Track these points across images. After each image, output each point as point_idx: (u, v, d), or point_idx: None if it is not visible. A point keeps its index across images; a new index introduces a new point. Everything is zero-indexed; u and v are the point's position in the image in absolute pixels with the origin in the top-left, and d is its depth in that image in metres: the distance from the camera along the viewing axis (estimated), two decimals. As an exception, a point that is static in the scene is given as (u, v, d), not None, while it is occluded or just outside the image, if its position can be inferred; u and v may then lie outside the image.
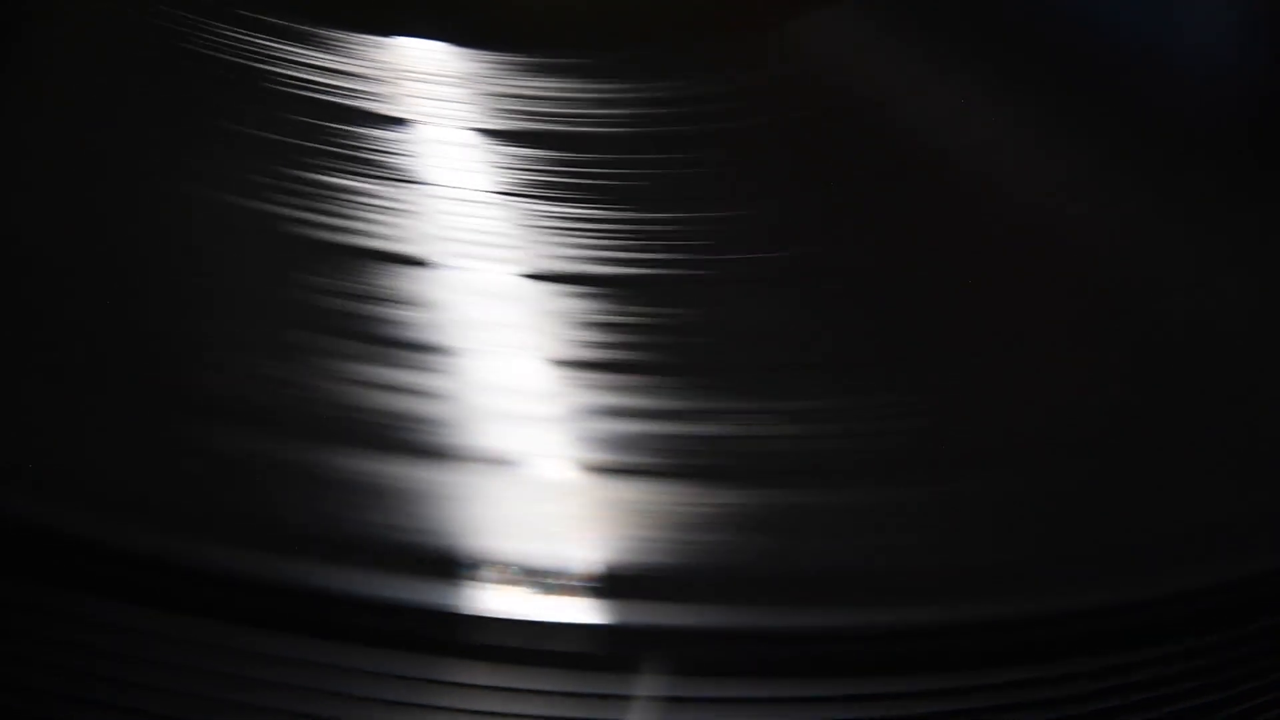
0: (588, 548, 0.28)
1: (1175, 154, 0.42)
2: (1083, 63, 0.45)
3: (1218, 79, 0.46)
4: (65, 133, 0.36)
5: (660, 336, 0.32)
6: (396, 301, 0.32)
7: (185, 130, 0.36)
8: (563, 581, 0.27)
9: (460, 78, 0.39)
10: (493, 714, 0.27)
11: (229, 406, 0.29)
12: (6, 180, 0.34)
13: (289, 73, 0.37)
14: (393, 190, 0.35)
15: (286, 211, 0.34)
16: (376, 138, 0.36)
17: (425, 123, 0.37)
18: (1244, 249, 0.39)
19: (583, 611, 0.27)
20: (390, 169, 0.35)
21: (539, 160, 0.36)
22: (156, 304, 0.31)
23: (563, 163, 0.36)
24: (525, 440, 0.30)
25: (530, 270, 0.34)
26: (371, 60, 0.38)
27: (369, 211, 0.34)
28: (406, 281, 0.33)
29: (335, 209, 0.34)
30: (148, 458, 0.28)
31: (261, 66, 0.38)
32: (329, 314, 0.31)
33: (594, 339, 0.32)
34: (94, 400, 0.29)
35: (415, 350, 0.31)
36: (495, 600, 0.27)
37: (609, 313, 0.33)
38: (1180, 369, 0.35)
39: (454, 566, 0.27)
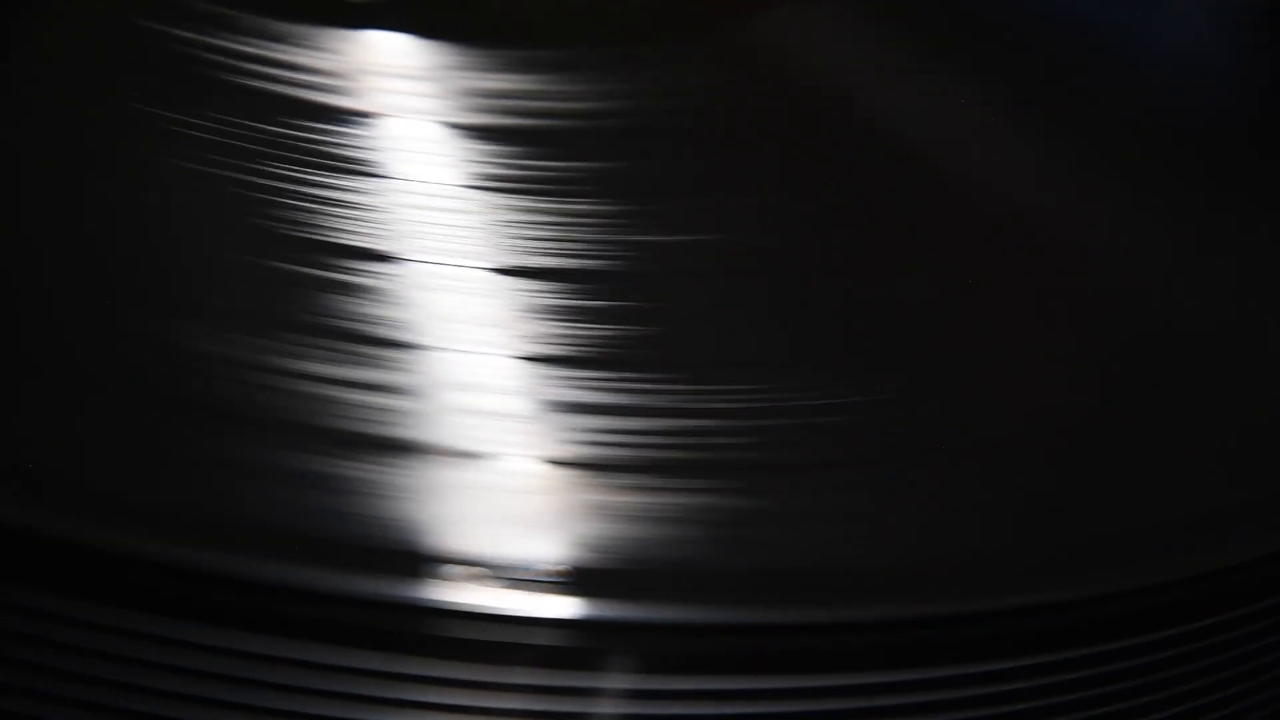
0: (556, 542, 0.28)
1: (1153, 147, 0.42)
2: (1065, 58, 0.45)
3: (1202, 74, 0.46)
4: (40, 133, 0.36)
5: (631, 331, 0.32)
6: (364, 297, 0.32)
7: (151, 127, 0.36)
8: (530, 576, 0.27)
9: (428, 72, 0.39)
10: (460, 709, 0.27)
11: (195, 403, 0.29)
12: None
13: (253, 66, 0.38)
14: (359, 185, 0.35)
15: (252, 206, 0.34)
16: (343, 133, 0.36)
17: (392, 117, 0.37)
18: (1232, 243, 0.39)
19: (551, 606, 0.27)
20: (357, 164, 0.35)
21: (508, 155, 0.36)
22: (124, 303, 0.31)
23: (533, 158, 0.36)
24: (493, 435, 0.30)
25: (499, 265, 0.34)
26: (338, 55, 0.38)
27: (336, 207, 0.34)
28: (373, 277, 0.33)
29: (301, 204, 0.34)
30: (115, 457, 0.28)
31: (227, 60, 0.38)
32: (294, 309, 0.31)
33: (563, 334, 0.32)
34: (65, 400, 0.29)
35: (382, 345, 0.31)
36: (462, 595, 0.27)
37: (579, 308, 0.33)
38: (1161, 362, 0.35)
39: (420, 562, 0.27)
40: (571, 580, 0.27)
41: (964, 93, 0.42)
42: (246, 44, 0.38)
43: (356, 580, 0.27)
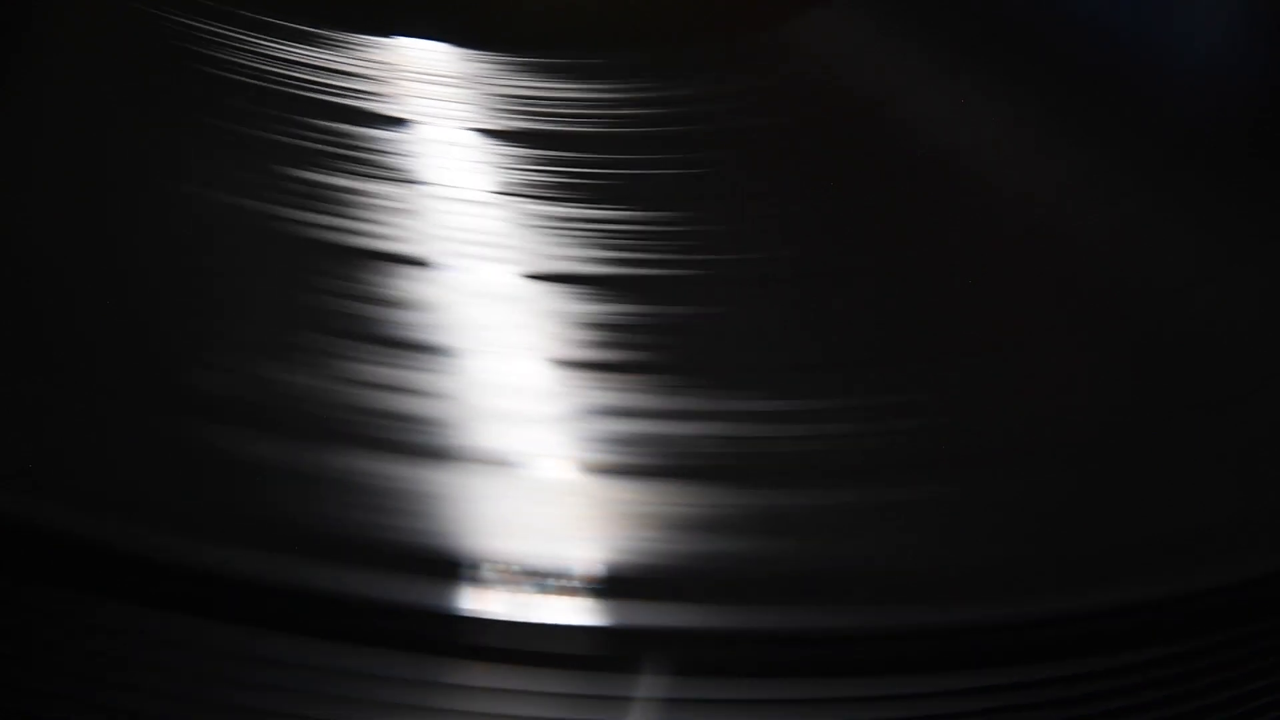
0: (587, 548, 0.28)
1: (1175, 153, 0.42)
2: (1082, 62, 0.45)
3: (1217, 78, 0.46)
4: (67, 134, 0.36)
5: (660, 336, 0.32)
6: (397, 302, 0.32)
7: (185, 131, 0.36)
8: (562, 582, 0.27)
9: (461, 78, 0.39)
10: (492, 715, 0.27)
11: (228, 406, 0.29)
12: (8, 181, 0.34)
13: (289, 73, 0.38)
14: (393, 190, 0.35)
15: (286, 212, 0.34)
16: (377, 138, 0.36)
17: (425, 123, 0.37)
18: (1244, 249, 0.39)
19: (582, 612, 0.27)
20: (390, 169, 0.35)
21: (539, 160, 0.36)
22: (156, 304, 0.31)
23: (563, 163, 0.37)
24: (525, 440, 0.30)
25: (530, 270, 0.34)
26: (372, 60, 0.38)
27: (369, 212, 0.34)
28: (407, 282, 0.33)
29: (335, 209, 0.34)
30: (145, 457, 0.28)
31: (261, 67, 0.38)
32: (329, 314, 0.31)
33: (594, 339, 0.32)
34: (89, 400, 0.29)
35: (415, 350, 0.31)
36: (495, 601, 0.27)
37: (609, 313, 0.33)
38: (1180, 369, 0.35)
39: (454, 567, 0.27)
40: (604, 585, 0.27)
41: (990, 98, 0.42)
42: (282, 49, 0.38)
43: (388, 584, 0.27)
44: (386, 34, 0.39)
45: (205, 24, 0.38)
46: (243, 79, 0.37)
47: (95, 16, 0.40)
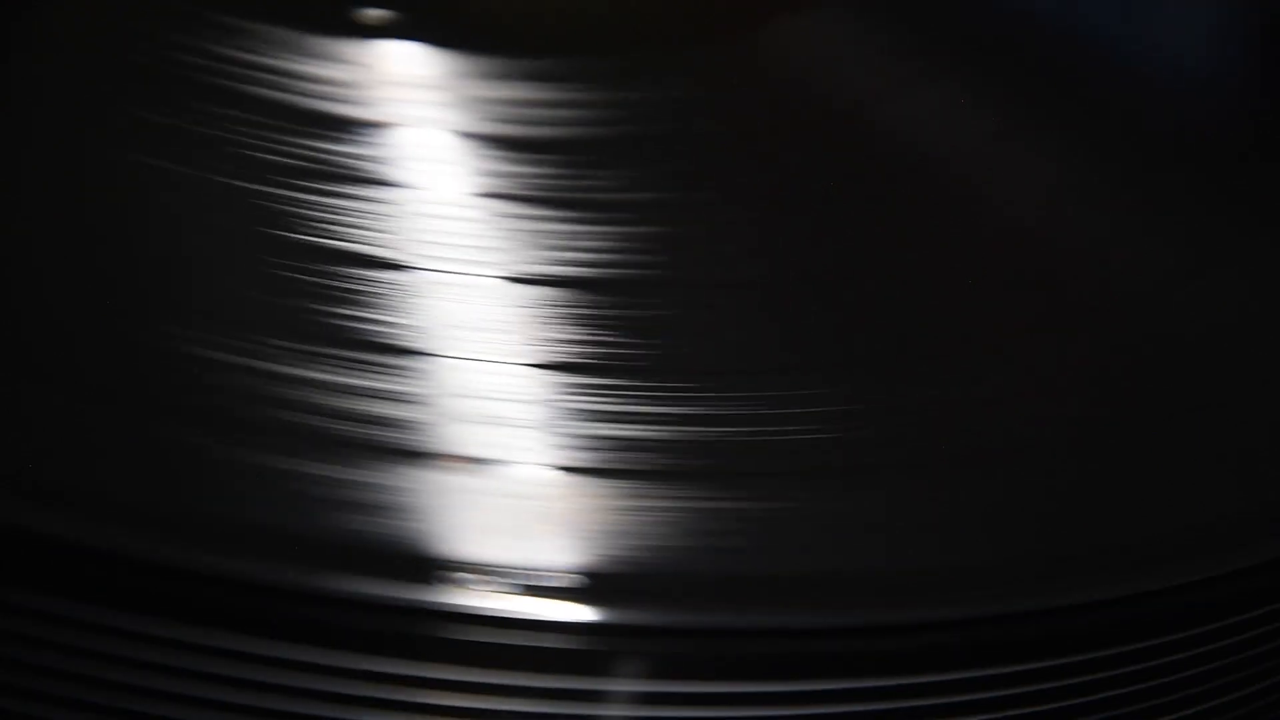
0: (566, 549, 0.28)
1: (1172, 152, 0.42)
2: (1073, 67, 0.44)
3: (1209, 82, 0.46)
4: (67, 134, 0.36)
5: (640, 339, 0.32)
6: (374, 305, 0.32)
7: (164, 136, 0.36)
8: (540, 582, 0.27)
9: (441, 81, 0.39)
10: (470, 713, 0.27)
11: (205, 410, 0.29)
12: (8, 181, 0.35)
13: (265, 76, 0.38)
14: (370, 194, 0.35)
15: (264, 216, 0.34)
16: (354, 141, 0.36)
17: (404, 126, 0.37)
18: (1233, 248, 0.39)
19: (560, 612, 0.27)
20: (368, 173, 0.36)
21: (518, 164, 0.37)
22: (133, 310, 0.32)
23: (542, 166, 0.37)
24: (504, 443, 0.30)
25: (509, 274, 0.34)
26: (349, 64, 0.39)
27: (346, 215, 0.34)
28: (384, 286, 0.33)
29: (312, 213, 0.34)
30: (123, 461, 0.29)
31: (238, 70, 0.38)
32: (306, 318, 0.32)
33: (574, 341, 0.32)
34: (68, 404, 0.29)
35: (393, 354, 0.31)
36: (472, 601, 0.27)
37: (590, 316, 0.33)
38: (1180, 369, 0.35)
39: (432, 568, 0.27)
40: (581, 585, 0.27)
41: (972, 102, 0.42)
42: (258, 54, 0.38)
43: (367, 584, 0.27)
44: (364, 37, 0.39)
45: (179, 28, 0.39)
46: (214, 82, 0.37)
47: (95, 16, 0.40)
